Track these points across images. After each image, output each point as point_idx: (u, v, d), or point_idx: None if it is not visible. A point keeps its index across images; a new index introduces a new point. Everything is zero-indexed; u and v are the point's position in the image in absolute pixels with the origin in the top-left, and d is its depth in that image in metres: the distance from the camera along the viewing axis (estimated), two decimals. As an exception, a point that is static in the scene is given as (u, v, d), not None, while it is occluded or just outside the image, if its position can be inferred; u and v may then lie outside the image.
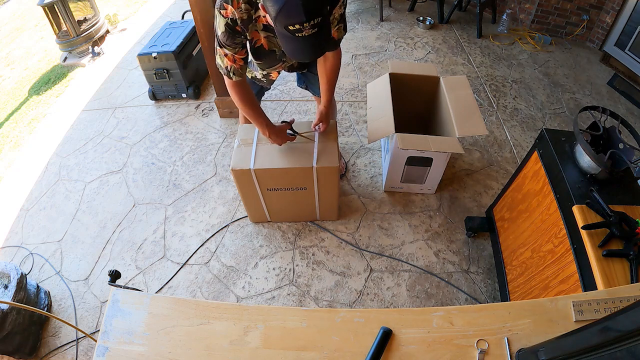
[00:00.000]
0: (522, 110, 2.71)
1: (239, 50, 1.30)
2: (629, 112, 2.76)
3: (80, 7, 3.47)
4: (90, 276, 1.91)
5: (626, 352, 0.48)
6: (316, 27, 1.02)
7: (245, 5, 1.17)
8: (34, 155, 2.60)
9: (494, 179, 2.24)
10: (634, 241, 1.05)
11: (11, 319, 1.51)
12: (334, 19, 1.28)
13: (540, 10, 3.37)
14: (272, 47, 1.39)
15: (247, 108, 1.49)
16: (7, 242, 2.10)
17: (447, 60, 3.18)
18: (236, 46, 1.28)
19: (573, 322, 0.77)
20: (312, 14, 0.99)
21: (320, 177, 1.70)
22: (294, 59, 1.15)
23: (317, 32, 1.03)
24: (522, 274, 1.49)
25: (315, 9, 0.99)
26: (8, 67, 3.78)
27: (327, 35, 1.09)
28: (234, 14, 1.18)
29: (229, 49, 1.28)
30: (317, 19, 1.00)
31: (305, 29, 1.01)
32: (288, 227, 2.04)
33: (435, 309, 0.81)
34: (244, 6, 1.17)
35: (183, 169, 2.36)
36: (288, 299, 1.78)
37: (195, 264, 1.91)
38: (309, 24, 1.00)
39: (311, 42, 1.06)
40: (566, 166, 1.30)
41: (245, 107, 1.49)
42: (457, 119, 1.88)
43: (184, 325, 0.81)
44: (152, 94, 2.83)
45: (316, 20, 1.00)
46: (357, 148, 2.44)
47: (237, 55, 1.31)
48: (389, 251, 1.93)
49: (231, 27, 1.21)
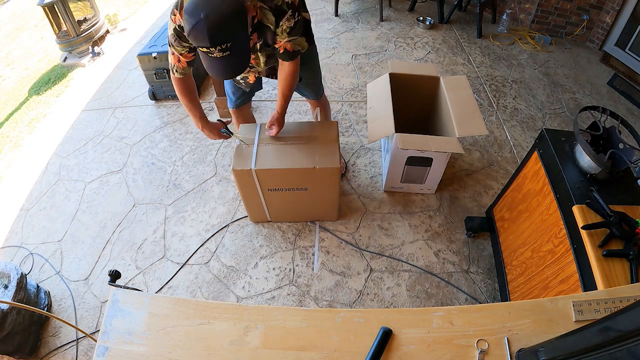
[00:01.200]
0: (522, 110, 2.71)
1: (185, 52, 1.34)
2: (629, 112, 2.76)
3: (80, 7, 3.47)
4: (90, 276, 1.91)
5: (626, 352, 0.48)
6: (227, 51, 1.07)
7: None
8: (34, 155, 2.60)
9: (494, 179, 2.24)
10: (634, 241, 1.05)
11: (11, 319, 1.51)
12: (282, 31, 1.28)
13: (540, 10, 3.37)
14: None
15: (185, 100, 1.53)
16: (7, 242, 2.10)
17: (447, 60, 3.18)
18: (183, 48, 1.32)
19: (573, 322, 0.77)
20: (217, 41, 1.04)
21: (321, 177, 1.70)
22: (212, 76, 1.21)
23: (228, 55, 1.09)
24: (522, 274, 1.49)
25: (221, 37, 1.04)
26: (8, 67, 3.78)
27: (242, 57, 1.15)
28: (181, 22, 1.21)
29: (176, 49, 1.33)
30: (225, 44, 1.06)
31: (214, 52, 1.07)
32: (288, 227, 2.04)
33: (435, 309, 0.81)
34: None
35: (183, 169, 2.36)
36: (288, 299, 1.78)
37: (195, 264, 1.91)
38: (216, 49, 1.06)
39: (223, 64, 1.12)
40: (566, 166, 1.30)
41: (183, 100, 1.53)
42: (457, 119, 1.88)
43: (184, 325, 0.81)
44: (152, 94, 2.83)
45: (224, 46, 1.06)
46: (357, 148, 2.44)
47: (183, 57, 1.36)
48: (389, 251, 1.93)
49: (178, 32, 1.26)
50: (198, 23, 1.02)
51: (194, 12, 1.03)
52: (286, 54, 1.37)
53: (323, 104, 1.98)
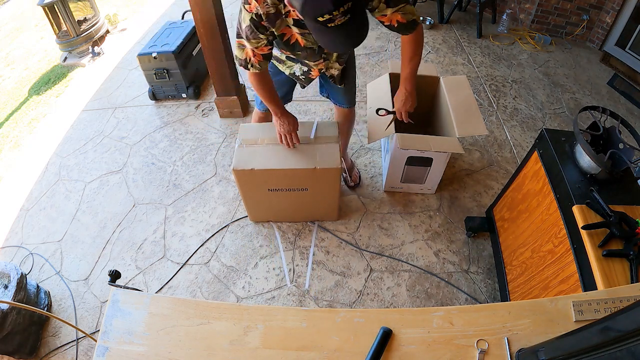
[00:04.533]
0: (522, 110, 2.71)
1: (262, 45, 1.25)
2: (629, 112, 2.76)
3: (80, 7, 3.47)
4: (90, 276, 1.91)
5: (626, 352, 0.48)
6: (348, 14, 0.94)
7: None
8: (34, 155, 2.60)
9: (494, 179, 2.24)
10: (634, 241, 1.05)
11: (11, 319, 1.51)
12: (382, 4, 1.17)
13: (540, 10, 3.37)
14: (308, 44, 1.33)
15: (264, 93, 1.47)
16: (7, 242, 2.10)
17: (447, 60, 3.18)
18: (260, 41, 1.23)
19: (573, 322, 0.77)
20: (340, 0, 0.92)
21: (321, 178, 1.70)
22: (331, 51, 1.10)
23: (350, 19, 0.95)
24: (522, 274, 1.49)
25: None
26: (8, 67, 3.78)
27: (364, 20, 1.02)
28: (258, 9, 1.14)
29: (251, 42, 1.24)
30: (347, 4, 0.93)
31: (336, 18, 0.93)
32: (288, 227, 2.04)
33: (435, 309, 0.81)
34: (270, 0, 1.13)
35: (183, 169, 2.36)
36: (288, 299, 1.78)
37: (195, 264, 1.91)
38: (339, 12, 0.92)
39: (346, 31, 0.98)
40: (566, 166, 1.30)
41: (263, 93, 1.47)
42: (457, 119, 1.88)
43: (184, 325, 0.81)
44: (152, 94, 2.83)
45: (346, 6, 0.93)
46: (357, 148, 2.44)
47: (258, 50, 1.27)
48: (389, 251, 1.93)
49: (256, 23, 1.17)
50: None
51: None
52: (402, 26, 1.25)
53: (353, 116, 1.90)
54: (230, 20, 3.78)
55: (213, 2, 2.06)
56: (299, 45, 1.33)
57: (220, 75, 2.43)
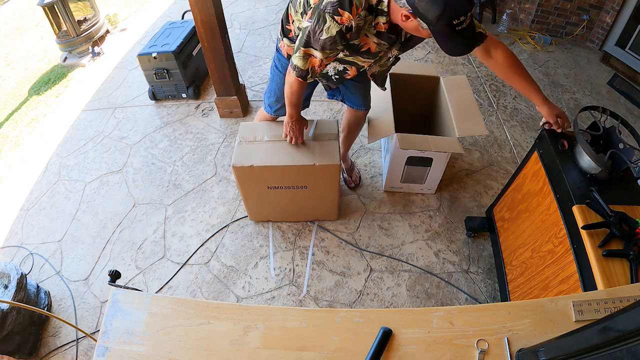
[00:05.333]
0: (522, 110, 2.71)
1: (333, 56, 1.24)
2: (629, 112, 2.76)
3: (80, 7, 3.47)
4: (90, 276, 1.91)
5: (626, 352, 0.48)
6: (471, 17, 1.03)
7: (364, 12, 1.11)
8: (34, 155, 2.60)
9: (494, 179, 2.24)
10: (634, 241, 1.05)
11: (11, 319, 1.51)
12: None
13: (540, 10, 3.37)
14: (378, 50, 1.32)
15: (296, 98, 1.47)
16: (7, 242, 2.10)
17: (447, 60, 3.18)
18: (334, 52, 1.21)
19: (573, 322, 0.77)
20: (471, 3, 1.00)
21: (321, 175, 1.70)
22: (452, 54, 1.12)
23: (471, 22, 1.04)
24: (522, 274, 1.49)
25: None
26: (8, 67, 3.78)
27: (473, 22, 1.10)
28: (352, 22, 1.10)
29: (325, 53, 1.19)
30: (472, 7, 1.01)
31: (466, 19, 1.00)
32: (288, 227, 2.04)
33: (435, 309, 0.81)
34: (363, 13, 1.11)
35: (183, 169, 2.36)
36: (288, 299, 1.78)
37: (195, 264, 1.91)
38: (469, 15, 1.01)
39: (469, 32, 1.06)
40: (566, 166, 1.30)
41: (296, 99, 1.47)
42: (457, 119, 1.88)
43: (184, 325, 0.81)
44: (152, 94, 2.83)
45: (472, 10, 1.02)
46: (357, 148, 2.44)
47: (327, 60, 1.25)
48: (389, 251, 1.93)
49: (342, 35, 1.13)
50: None
51: None
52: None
53: (364, 119, 1.89)
54: (230, 21, 3.80)
55: (213, 2, 2.06)
56: (369, 51, 1.32)
57: (220, 75, 2.43)
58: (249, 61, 3.22)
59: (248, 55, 3.29)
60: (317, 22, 1.13)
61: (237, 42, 3.40)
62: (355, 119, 1.86)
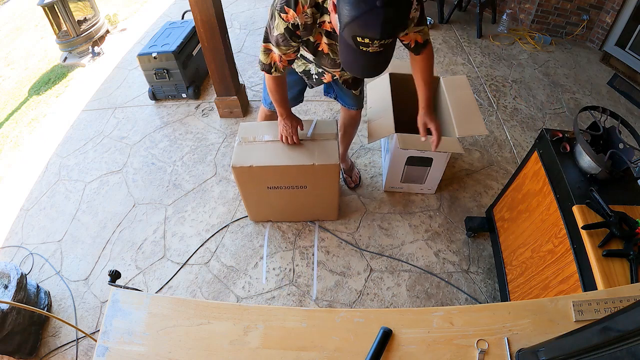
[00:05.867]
0: (522, 110, 2.71)
1: (291, 52, 1.25)
2: (629, 112, 2.75)
3: (80, 7, 3.47)
4: (90, 276, 1.91)
5: (626, 352, 0.48)
6: (383, 47, 0.94)
7: (311, 9, 1.11)
8: (34, 155, 2.60)
9: (494, 179, 2.24)
10: (634, 241, 1.05)
11: (11, 319, 1.51)
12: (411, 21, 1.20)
13: (540, 10, 3.37)
14: (333, 55, 1.33)
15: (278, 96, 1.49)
16: (7, 242, 2.10)
17: (447, 60, 3.18)
18: (290, 48, 1.23)
19: (573, 322, 0.77)
20: (386, 35, 0.91)
21: (320, 175, 1.70)
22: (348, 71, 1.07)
23: (382, 52, 0.96)
24: (522, 274, 1.49)
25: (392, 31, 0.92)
26: (8, 67, 3.78)
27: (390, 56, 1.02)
28: (296, 19, 1.12)
29: (281, 49, 1.23)
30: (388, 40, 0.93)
31: (372, 46, 0.93)
32: (288, 227, 2.04)
33: (435, 309, 0.81)
34: (309, 11, 1.12)
35: (183, 169, 2.36)
36: (288, 299, 1.78)
37: (195, 264, 1.91)
38: (379, 43, 0.92)
39: (373, 61, 0.98)
40: (566, 166, 1.30)
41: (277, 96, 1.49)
42: (457, 119, 1.88)
43: (184, 325, 0.81)
44: (152, 94, 2.83)
45: (387, 41, 0.93)
46: (357, 148, 2.44)
47: (286, 56, 1.27)
48: (389, 251, 1.93)
49: (290, 32, 1.16)
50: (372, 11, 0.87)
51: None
52: (418, 46, 1.30)
53: (359, 118, 1.90)
54: (230, 21, 3.80)
55: (213, 2, 2.06)
56: (324, 53, 1.34)
57: (220, 75, 2.43)
58: (249, 61, 3.22)
59: (248, 55, 3.29)
60: (270, 19, 1.19)
61: (237, 42, 3.40)
62: (348, 118, 1.87)
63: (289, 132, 1.65)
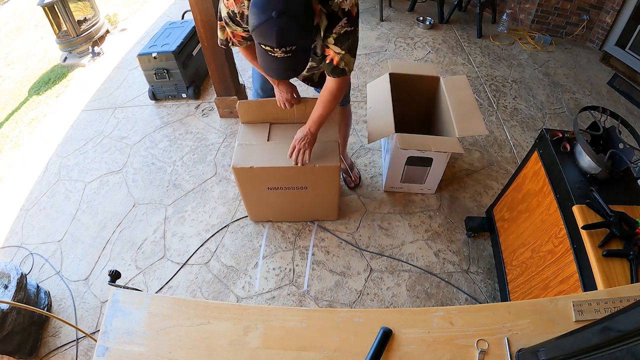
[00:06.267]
0: (522, 110, 2.71)
1: (240, 31, 1.28)
2: (629, 112, 2.75)
3: (80, 7, 3.47)
4: (90, 276, 1.91)
5: (626, 352, 0.48)
6: (289, 53, 1.01)
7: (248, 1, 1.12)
8: (34, 155, 2.60)
9: (494, 179, 2.24)
10: (634, 241, 1.05)
11: (11, 319, 1.51)
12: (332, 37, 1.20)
13: (540, 10, 3.37)
14: None
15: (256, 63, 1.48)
16: (7, 242, 2.10)
17: (447, 60, 3.18)
18: (237, 29, 1.26)
19: (573, 322, 0.77)
20: (284, 43, 0.98)
21: (321, 176, 1.70)
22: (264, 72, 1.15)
23: (289, 57, 1.03)
24: (522, 274, 1.49)
25: (289, 40, 0.98)
26: (8, 67, 3.78)
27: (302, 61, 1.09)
28: (234, 8, 1.16)
29: (230, 27, 1.26)
30: (291, 47, 1.00)
31: (276, 52, 1.00)
32: (288, 227, 2.04)
33: (435, 309, 0.81)
34: (247, 2, 1.13)
35: (183, 169, 2.36)
36: (288, 299, 1.78)
37: (195, 264, 1.91)
38: (280, 50, 0.99)
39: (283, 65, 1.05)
40: (566, 166, 1.30)
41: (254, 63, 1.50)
42: (457, 119, 1.88)
43: (184, 325, 0.81)
44: (152, 94, 2.83)
45: (289, 48, 1.00)
46: (357, 148, 2.44)
47: (237, 32, 1.29)
48: (389, 251, 1.93)
49: (231, 17, 1.21)
50: (268, 21, 0.94)
51: (265, 8, 0.94)
52: (330, 66, 1.29)
53: (347, 113, 1.93)
54: (230, 20, 3.80)
55: (213, 2, 2.06)
56: None
57: (220, 75, 2.43)
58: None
59: (248, 55, 3.29)
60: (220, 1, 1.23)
61: (237, 42, 3.40)
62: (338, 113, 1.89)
63: (284, 96, 1.67)
